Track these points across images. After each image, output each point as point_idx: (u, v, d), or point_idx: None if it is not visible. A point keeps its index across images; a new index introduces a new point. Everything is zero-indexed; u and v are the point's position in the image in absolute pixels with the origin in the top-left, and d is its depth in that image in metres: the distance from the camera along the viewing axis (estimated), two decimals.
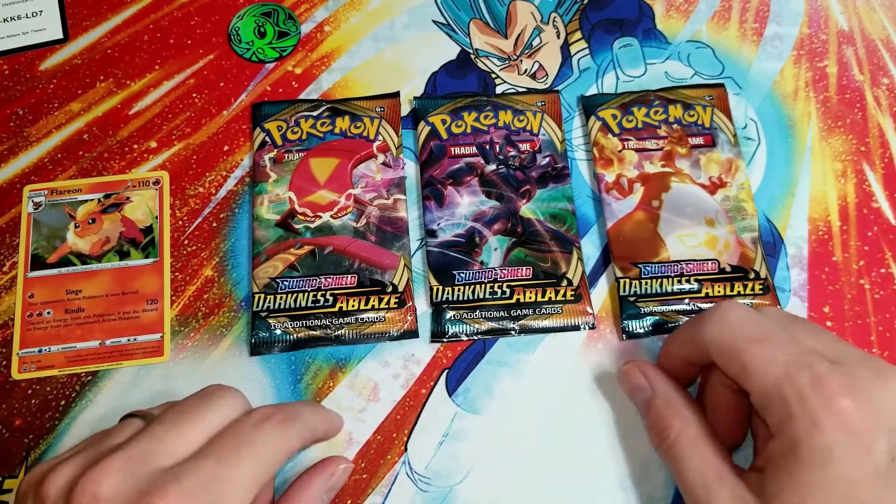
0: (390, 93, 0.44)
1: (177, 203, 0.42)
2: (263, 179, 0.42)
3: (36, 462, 0.36)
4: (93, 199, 0.42)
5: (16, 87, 0.45)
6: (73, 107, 0.45)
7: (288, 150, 0.42)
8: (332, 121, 0.43)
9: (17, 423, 0.37)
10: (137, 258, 0.41)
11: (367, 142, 0.43)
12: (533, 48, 0.47)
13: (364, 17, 0.48)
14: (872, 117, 0.45)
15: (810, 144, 0.44)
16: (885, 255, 0.41)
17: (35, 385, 0.38)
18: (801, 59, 0.47)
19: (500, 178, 0.42)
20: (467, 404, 0.38)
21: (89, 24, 0.47)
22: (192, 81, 0.45)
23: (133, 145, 0.44)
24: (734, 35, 0.47)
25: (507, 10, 0.48)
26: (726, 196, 0.41)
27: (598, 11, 0.48)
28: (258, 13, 0.47)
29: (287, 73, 0.46)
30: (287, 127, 0.43)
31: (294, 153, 0.42)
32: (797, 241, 0.42)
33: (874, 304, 0.40)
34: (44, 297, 0.40)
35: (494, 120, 0.43)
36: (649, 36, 0.47)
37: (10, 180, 0.43)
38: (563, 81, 0.46)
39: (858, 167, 0.44)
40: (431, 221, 0.41)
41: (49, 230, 0.41)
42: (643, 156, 0.42)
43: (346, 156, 0.42)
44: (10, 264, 0.41)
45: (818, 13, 0.48)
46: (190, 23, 0.47)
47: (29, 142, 0.44)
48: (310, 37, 0.47)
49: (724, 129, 0.43)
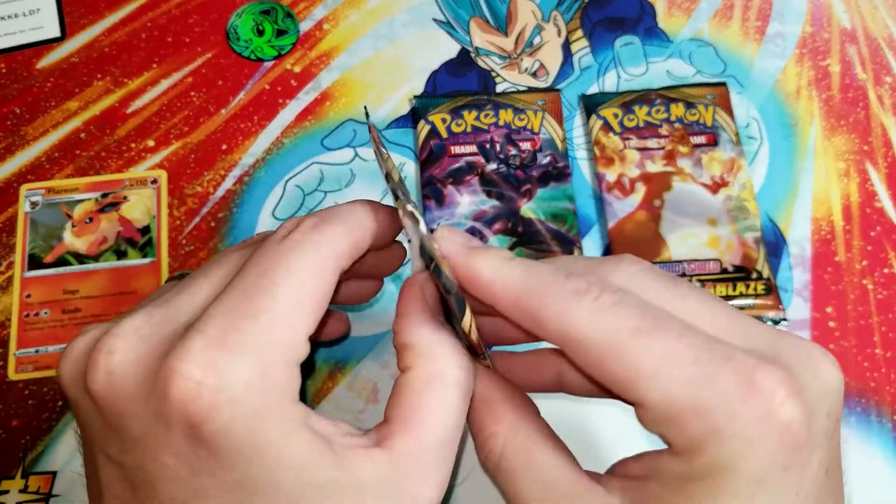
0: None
1: (174, 202, 0.42)
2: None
3: (32, 464, 0.36)
4: (90, 199, 0.42)
5: (13, 85, 0.45)
6: (71, 105, 0.44)
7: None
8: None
9: (13, 424, 0.37)
10: (135, 258, 0.40)
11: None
12: (534, 46, 0.46)
13: (363, 15, 0.47)
14: (875, 116, 0.45)
15: (813, 143, 0.44)
16: (889, 255, 0.41)
17: (32, 385, 0.38)
18: (803, 57, 0.46)
19: (501, 177, 0.42)
20: None
21: (86, 22, 0.47)
22: (190, 80, 0.45)
23: (130, 144, 0.43)
24: (736, 33, 0.47)
25: (508, 8, 0.48)
26: (728, 195, 0.41)
27: (600, 9, 0.48)
28: (257, 11, 0.47)
29: (286, 71, 0.45)
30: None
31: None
32: (800, 240, 0.41)
33: (877, 305, 0.40)
34: (41, 296, 0.39)
35: (495, 119, 0.43)
36: (651, 34, 0.47)
37: (6, 179, 0.42)
38: (564, 80, 0.45)
39: (861, 166, 0.43)
40: (431, 221, 0.41)
41: (46, 230, 0.41)
42: (645, 155, 0.42)
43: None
44: (7, 264, 0.40)
45: (821, 11, 0.48)
46: (188, 21, 0.47)
47: (26, 140, 0.43)
48: (308, 35, 0.47)
49: (726, 128, 0.43)
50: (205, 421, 0.20)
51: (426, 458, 0.22)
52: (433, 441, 0.23)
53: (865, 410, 0.37)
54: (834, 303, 0.40)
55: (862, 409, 0.37)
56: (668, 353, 0.20)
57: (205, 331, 0.20)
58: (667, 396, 0.20)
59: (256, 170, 0.43)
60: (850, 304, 0.40)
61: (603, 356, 0.21)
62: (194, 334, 0.20)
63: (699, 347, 0.20)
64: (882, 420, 0.37)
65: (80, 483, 0.35)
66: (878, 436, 0.37)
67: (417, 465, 0.22)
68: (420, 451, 0.22)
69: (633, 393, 0.21)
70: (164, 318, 0.22)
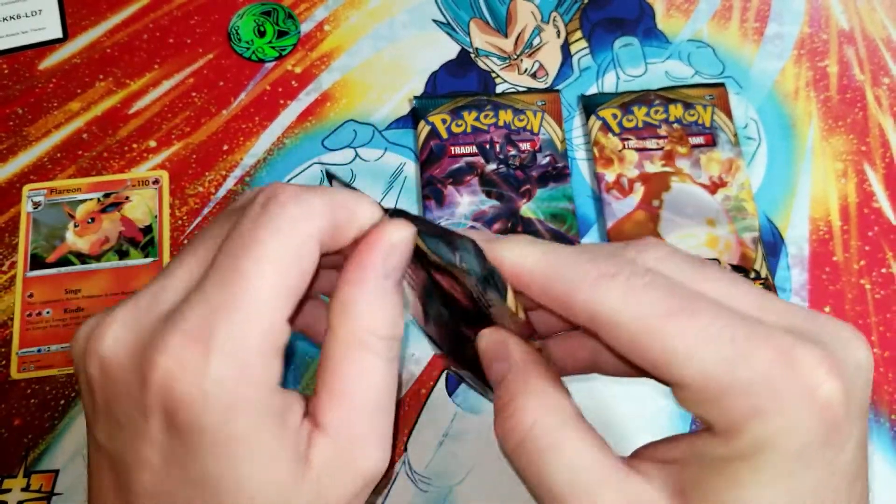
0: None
1: (176, 202, 0.42)
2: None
3: (34, 462, 0.36)
4: (92, 199, 0.42)
5: (15, 86, 0.45)
6: (73, 106, 0.44)
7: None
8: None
9: (16, 423, 0.37)
10: (137, 258, 0.41)
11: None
12: (533, 47, 0.47)
13: (364, 16, 0.47)
14: (873, 117, 0.45)
15: (811, 144, 0.44)
16: (886, 255, 0.41)
17: (34, 385, 0.38)
18: (801, 58, 0.47)
19: (501, 177, 0.42)
20: (467, 404, 0.38)
21: (88, 23, 0.47)
22: (191, 80, 0.45)
23: (132, 144, 0.43)
24: (735, 34, 0.47)
25: (508, 9, 0.48)
26: (727, 196, 0.41)
27: (599, 11, 0.48)
28: (258, 12, 0.47)
29: (287, 72, 0.46)
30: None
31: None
32: (798, 240, 0.41)
33: (875, 305, 0.40)
34: (43, 296, 0.40)
35: (494, 119, 0.43)
36: (650, 35, 0.47)
37: (9, 180, 0.42)
38: (564, 81, 0.46)
39: (859, 167, 0.44)
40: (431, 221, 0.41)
41: (48, 230, 0.41)
42: (643, 155, 0.42)
43: None
44: (10, 264, 0.41)
45: (819, 12, 0.48)
46: (189, 22, 0.47)
47: (28, 141, 0.43)
48: (309, 36, 0.47)
49: (724, 129, 0.43)
50: (178, 412, 0.20)
51: (358, 431, 0.22)
52: (361, 412, 0.22)
53: None
54: (832, 302, 0.40)
55: None
56: (704, 333, 0.20)
57: (182, 325, 0.20)
58: (705, 376, 0.20)
59: (258, 170, 0.43)
60: (847, 304, 0.40)
61: (637, 339, 0.21)
62: (172, 329, 0.20)
63: (735, 326, 0.20)
64: (880, 420, 0.37)
65: (82, 481, 0.36)
66: (877, 436, 0.37)
67: (352, 440, 0.22)
68: (350, 424, 0.22)
69: (670, 374, 0.20)
70: (148, 304, 0.22)
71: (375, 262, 0.22)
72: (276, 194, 0.22)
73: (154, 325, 0.21)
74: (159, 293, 0.22)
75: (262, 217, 0.21)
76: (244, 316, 0.20)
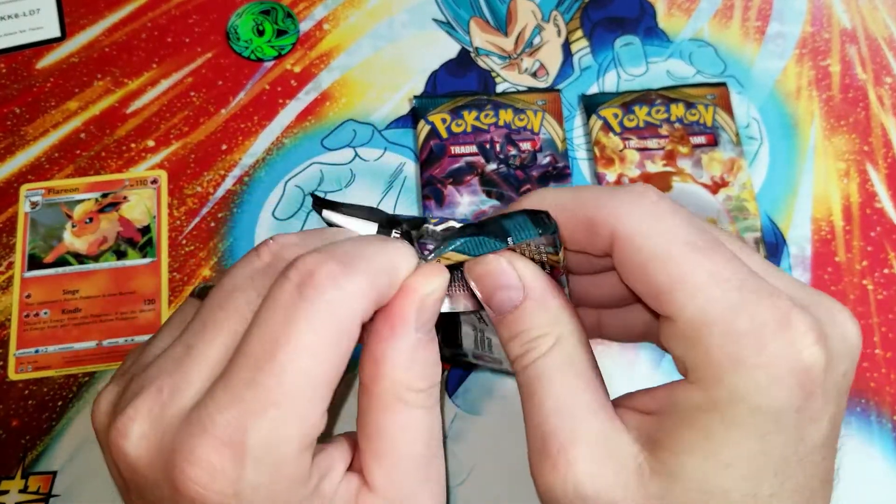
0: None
1: (174, 202, 0.42)
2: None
3: (32, 464, 0.36)
4: (90, 199, 0.42)
5: (12, 85, 0.45)
6: (71, 105, 0.44)
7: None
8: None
9: (13, 424, 0.37)
10: (135, 258, 0.40)
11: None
12: (534, 46, 0.46)
13: (363, 15, 0.47)
14: (875, 116, 0.45)
15: (813, 144, 0.44)
16: (889, 255, 0.41)
17: (32, 386, 0.38)
18: (803, 57, 0.46)
19: (501, 177, 0.42)
20: (467, 405, 0.37)
21: (86, 22, 0.47)
22: (190, 80, 0.45)
23: (130, 144, 0.43)
24: (736, 33, 0.47)
25: (508, 8, 0.48)
26: (728, 196, 0.41)
27: (600, 10, 0.48)
28: (257, 11, 0.47)
29: (286, 71, 0.45)
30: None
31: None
32: (800, 241, 0.41)
33: (877, 305, 0.40)
34: (40, 297, 0.39)
35: (495, 119, 0.43)
36: (651, 34, 0.47)
37: (6, 179, 0.42)
38: (564, 80, 0.45)
39: (861, 167, 0.43)
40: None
41: (46, 230, 0.41)
42: (645, 155, 0.42)
43: None
44: (7, 264, 0.40)
45: (821, 11, 0.48)
46: (188, 21, 0.47)
47: (26, 140, 0.43)
48: (309, 35, 0.47)
49: (726, 129, 0.43)
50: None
51: (407, 488, 0.22)
52: (408, 468, 0.22)
53: (865, 411, 0.37)
54: None
55: (862, 410, 0.37)
56: (717, 273, 0.20)
57: (212, 430, 0.19)
58: (704, 315, 0.20)
59: (256, 170, 0.43)
60: (849, 305, 0.40)
61: (650, 261, 0.21)
62: (202, 433, 0.19)
63: (746, 276, 0.21)
64: (882, 420, 0.37)
65: (79, 483, 0.36)
66: (878, 436, 0.37)
67: (402, 499, 0.22)
68: (399, 482, 0.22)
69: (670, 304, 0.21)
70: (171, 396, 0.20)
71: (408, 316, 0.21)
72: (311, 274, 0.20)
73: (180, 423, 0.20)
74: (181, 383, 0.20)
75: (299, 304, 0.19)
76: (280, 416, 0.19)
